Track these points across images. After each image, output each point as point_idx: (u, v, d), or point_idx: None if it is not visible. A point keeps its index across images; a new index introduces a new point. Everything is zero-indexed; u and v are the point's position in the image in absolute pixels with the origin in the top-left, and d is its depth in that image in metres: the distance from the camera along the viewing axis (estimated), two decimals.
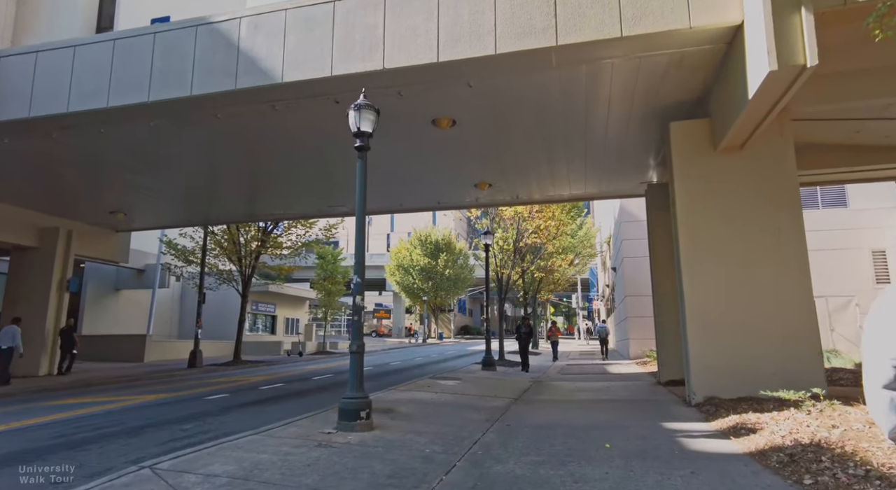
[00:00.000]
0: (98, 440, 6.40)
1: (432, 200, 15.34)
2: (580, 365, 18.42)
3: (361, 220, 6.88)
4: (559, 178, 13.25)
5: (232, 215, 18.18)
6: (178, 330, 29.62)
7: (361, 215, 6.88)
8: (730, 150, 8.45)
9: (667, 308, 11.60)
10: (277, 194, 15.51)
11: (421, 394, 9.62)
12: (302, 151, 11.63)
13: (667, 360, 11.53)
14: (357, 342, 6.53)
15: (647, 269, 21.47)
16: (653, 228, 12.23)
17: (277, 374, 15.80)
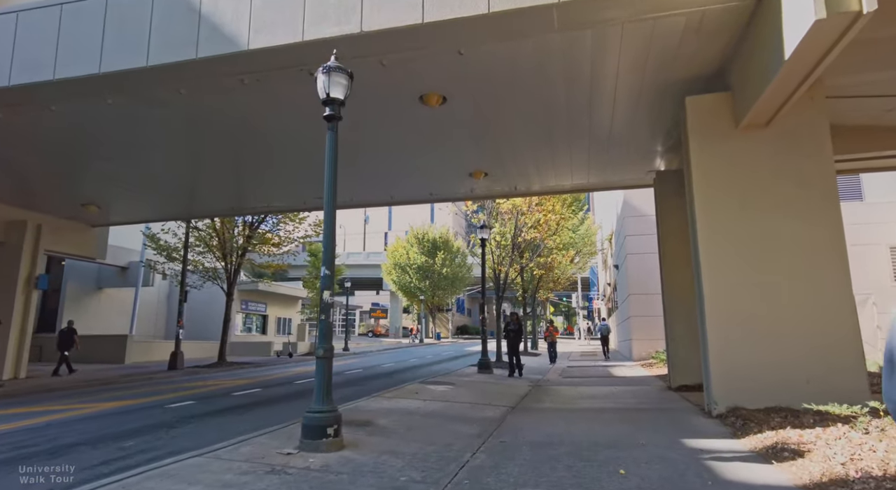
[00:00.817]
0: (7, 464, 5.40)
1: (424, 192, 14.36)
2: (582, 367, 17.45)
3: (331, 203, 5.91)
4: (561, 167, 12.28)
5: (214, 208, 17.22)
6: (164, 330, 28.61)
7: (331, 196, 5.92)
8: (754, 128, 7.48)
9: (678, 306, 10.63)
10: (258, 185, 14.54)
11: (407, 402, 8.64)
12: (280, 137, 10.66)
13: (678, 362, 10.56)
14: (324, 346, 5.55)
15: (653, 265, 20.50)
16: (663, 220, 11.26)
17: (259, 378, 14.82)
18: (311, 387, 12.30)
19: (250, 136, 10.65)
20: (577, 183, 13.50)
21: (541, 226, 17.01)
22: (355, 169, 12.64)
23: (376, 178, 13.24)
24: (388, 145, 10.93)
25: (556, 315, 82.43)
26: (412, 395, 9.47)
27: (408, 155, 11.56)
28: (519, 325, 13.83)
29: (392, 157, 11.68)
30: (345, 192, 14.56)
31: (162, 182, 13.89)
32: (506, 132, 10.21)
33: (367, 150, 11.15)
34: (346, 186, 14.11)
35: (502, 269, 17.95)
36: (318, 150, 12.27)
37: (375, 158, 11.69)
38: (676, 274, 10.75)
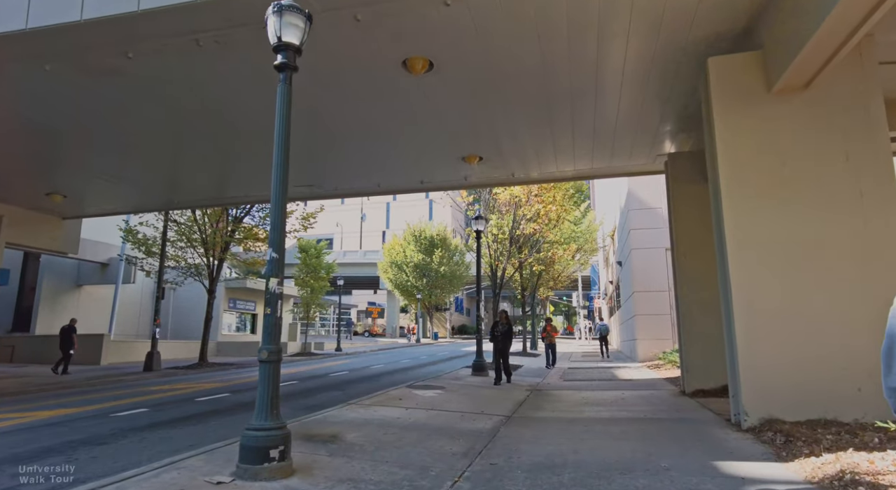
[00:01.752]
0: None
1: (414, 179, 13.26)
2: (584, 369, 16.37)
3: (281, 168, 4.82)
4: (562, 150, 11.19)
5: (194, 199, 16.12)
6: (148, 329, 27.46)
7: (281, 161, 4.83)
8: (790, 91, 6.39)
9: (694, 303, 9.56)
10: (235, 173, 13.46)
11: (387, 410, 7.55)
12: (250, 113, 9.56)
13: (693, 365, 9.47)
14: (269, 347, 4.48)
15: (659, 260, 19.49)
16: (676, 208, 10.17)
17: (234, 381, 13.73)
18: (286, 390, 11.23)
19: (220, 116, 9.62)
20: (579, 169, 12.40)
21: (540, 218, 15.91)
22: (335, 153, 11.57)
23: (360, 163, 12.16)
24: (370, 124, 9.84)
25: (557, 314, 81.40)
26: (394, 401, 8.38)
27: (393, 136, 10.46)
28: (509, 325, 11.79)
29: (375, 139, 10.58)
30: (327, 181, 13.52)
31: (131, 169, 12.81)
32: (501, 107, 9.11)
33: (347, 130, 10.08)
34: (327, 174, 13.07)
35: (500, 265, 16.84)
36: (296, 130, 11.25)
37: (357, 140, 10.60)
38: (692, 267, 9.68)
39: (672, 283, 18.92)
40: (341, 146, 11.02)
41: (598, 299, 49.25)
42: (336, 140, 10.68)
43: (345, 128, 10.04)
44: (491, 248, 16.88)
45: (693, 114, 9.24)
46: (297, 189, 14.00)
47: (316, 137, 10.61)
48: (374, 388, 10.99)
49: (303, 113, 9.65)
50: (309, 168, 12.60)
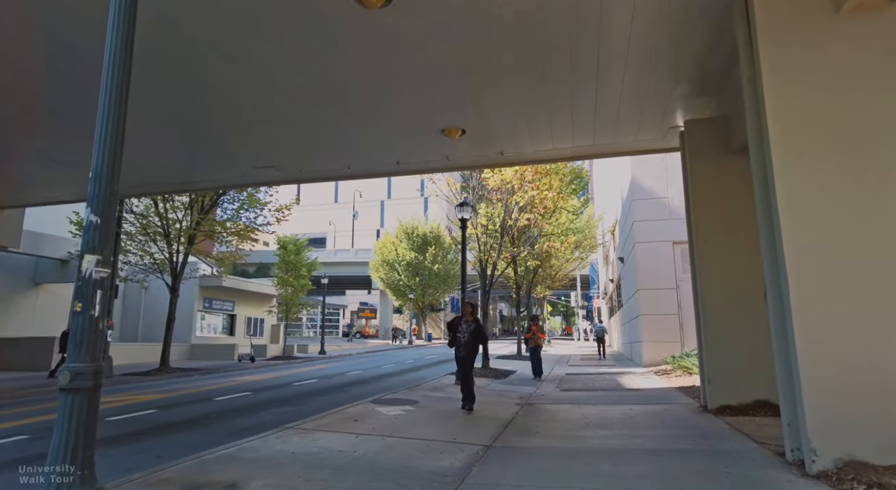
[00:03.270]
0: None
1: (389, 160, 11.53)
2: (584, 375, 14.69)
3: (114, 91, 3.11)
4: (559, 122, 9.50)
5: (149, 184, 14.29)
6: (118, 331, 25.76)
7: (114, 79, 3.10)
8: (869, 9, 4.71)
9: (718, 300, 7.88)
10: (191, 156, 11.76)
11: (331, 439, 5.85)
12: (194, 79, 7.89)
13: (717, 375, 7.77)
14: (76, 367, 2.77)
15: (665, 255, 17.77)
16: (696, 185, 8.46)
17: (183, 391, 12.00)
18: (229, 405, 9.50)
19: (179, 91, 7.96)
20: (579, 146, 10.70)
21: (535, 206, 14.20)
22: (296, 128, 9.86)
23: (326, 140, 10.47)
24: (332, 88, 8.13)
25: (555, 315, 79.83)
26: (347, 424, 6.68)
27: (359, 103, 8.74)
28: (477, 323, 8.28)
29: (340, 107, 8.86)
30: (290, 162, 11.82)
31: (79, 151, 11.04)
32: (487, 67, 7.42)
33: (305, 98, 8.38)
34: (290, 154, 11.37)
35: (490, 260, 15.12)
36: (253, 107, 9.54)
37: (318, 109, 8.88)
38: (715, 257, 7.99)
39: (681, 278, 17.36)
40: (301, 118, 9.32)
41: (597, 299, 47.63)
42: (294, 110, 8.98)
43: (302, 95, 8.36)
44: (480, 241, 15.17)
45: (714, 71, 7.59)
46: (258, 171, 12.31)
47: (272, 108, 8.93)
48: (336, 402, 9.29)
49: (255, 80, 8.04)
50: (268, 146, 10.92)
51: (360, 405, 8.23)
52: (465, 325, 8.23)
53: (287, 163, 11.81)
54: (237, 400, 10.12)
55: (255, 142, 10.65)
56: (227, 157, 11.65)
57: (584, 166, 18.22)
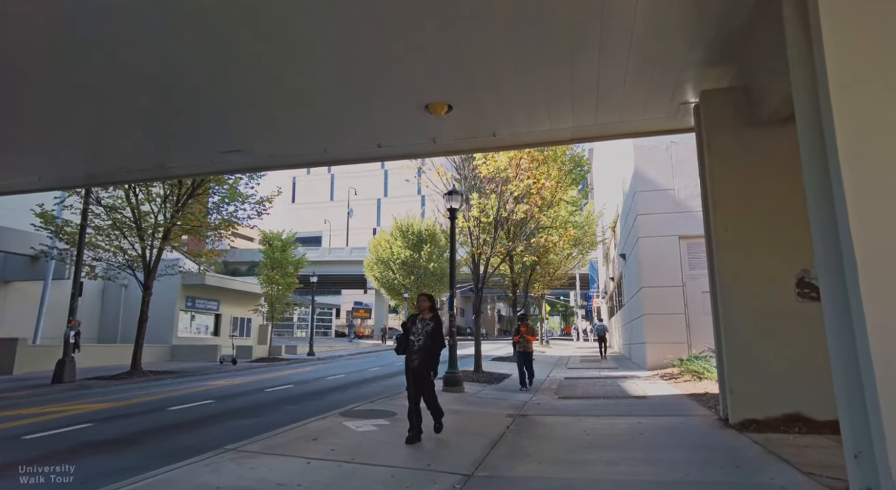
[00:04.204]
0: None
1: (369, 143, 10.39)
2: (584, 379, 13.61)
3: None
4: (558, 97, 8.38)
5: (120, 170, 13.06)
6: (97, 332, 24.66)
7: None
8: None
9: (742, 297, 6.77)
10: (151, 139, 10.61)
11: (275, 466, 4.74)
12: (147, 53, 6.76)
13: (741, 385, 6.66)
14: None
15: (671, 251, 16.62)
16: (715, 166, 7.34)
17: (139, 398, 10.84)
18: (188, 416, 8.35)
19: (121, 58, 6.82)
20: (579, 126, 9.58)
21: (532, 196, 13.06)
22: (262, 102, 8.72)
23: (297, 118, 9.33)
24: (292, 57, 7.01)
25: (553, 315, 78.83)
26: (305, 443, 5.58)
27: (330, 71, 7.62)
28: (437, 321, 6.29)
29: (308, 77, 7.73)
30: (259, 145, 10.66)
31: (36, 132, 9.92)
32: (474, 27, 6.30)
33: (267, 64, 7.25)
34: (259, 136, 10.24)
35: (483, 253, 13.99)
36: (209, 80, 8.39)
37: (284, 78, 7.76)
38: (741, 246, 6.89)
39: (688, 276, 16.28)
40: (266, 93, 8.20)
41: (596, 299, 46.59)
42: (257, 84, 7.87)
43: (266, 66, 7.26)
44: (473, 235, 14.05)
45: (734, 32, 6.49)
46: (225, 156, 11.18)
47: (232, 81, 7.80)
48: (304, 413, 8.17)
49: (212, 50, 6.96)
50: (232, 127, 9.81)
51: (327, 418, 7.12)
52: (420, 324, 6.18)
53: (255, 146, 10.68)
54: (194, 410, 9.01)
55: (217, 122, 9.53)
56: (190, 139, 10.50)
57: (585, 154, 17.06)
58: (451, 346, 10.95)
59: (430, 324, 6.21)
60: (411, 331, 6.24)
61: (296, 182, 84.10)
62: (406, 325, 6.39)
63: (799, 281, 6.55)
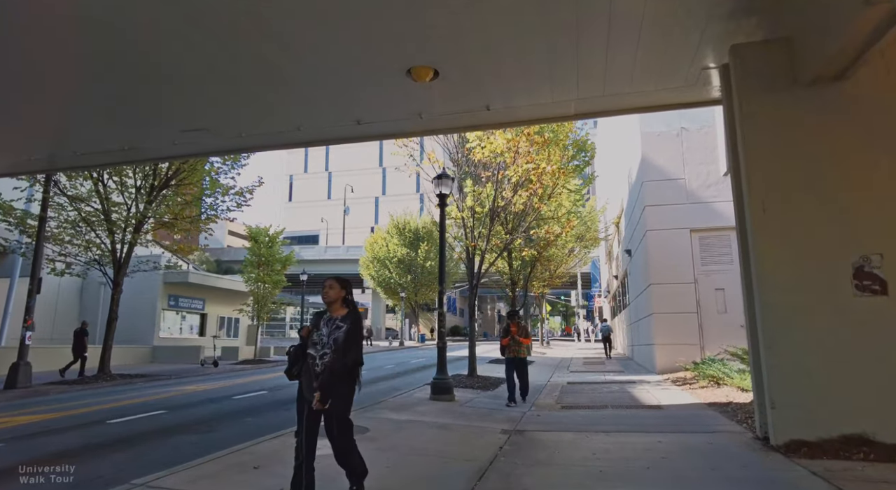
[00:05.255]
0: None
1: (348, 118, 9.19)
2: (589, 384, 12.42)
3: None
4: (561, 59, 7.20)
5: (86, 154, 11.78)
6: (69, 331, 23.42)
7: None
8: None
9: (784, 289, 5.58)
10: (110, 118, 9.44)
11: None
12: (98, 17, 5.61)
13: (786, 396, 5.44)
14: None
15: (682, 245, 15.26)
16: (749, 134, 6.10)
17: (86, 408, 9.58)
18: (126, 431, 7.09)
19: None
20: (585, 98, 8.38)
21: (532, 182, 11.84)
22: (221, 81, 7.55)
23: (263, 94, 8.16)
24: (255, 15, 5.84)
25: (554, 315, 77.62)
26: (241, 474, 4.40)
27: (290, 31, 6.43)
28: (353, 320, 3.93)
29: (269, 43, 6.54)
30: (227, 124, 9.49)
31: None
32: None
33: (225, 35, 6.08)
34: (226, 112, 9.07)
35: (478, 246, 12.79)
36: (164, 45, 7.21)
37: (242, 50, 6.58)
38: (783, 228, 5.69)
39: (700, 272, 15.07)
40: (228, 61, 7.03)
41: (598, 298, 45.41)
42: (218, 50, 6.71)
43: (228, 28, 6.10)
44: (467, 227, 12.85)
45: None
46: (189, 136, 9.98)
47: (189, 47, 6.65)
48: (264, 427, 6.97)
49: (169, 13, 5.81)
50: (194, 101, 8.64)
51: (282, 436, 5.93)
52: (326, 328, 3.89)
53: (221, 124, 9.50)
54: (141, 423, 7.81)
55: (177, 96, 8.36)
56: (148, 116, 9.31)
57: (589, 138, 15.85)
58: (441, 348, 9.75)
59: (343, 326, 3.82)
60: (312, 340, 3.88)
61: (293, 180, 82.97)
62: (305, 332, 3.99)
63: (857, 271, 5.35)
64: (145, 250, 19.77)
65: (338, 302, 4.01)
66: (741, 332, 14.17)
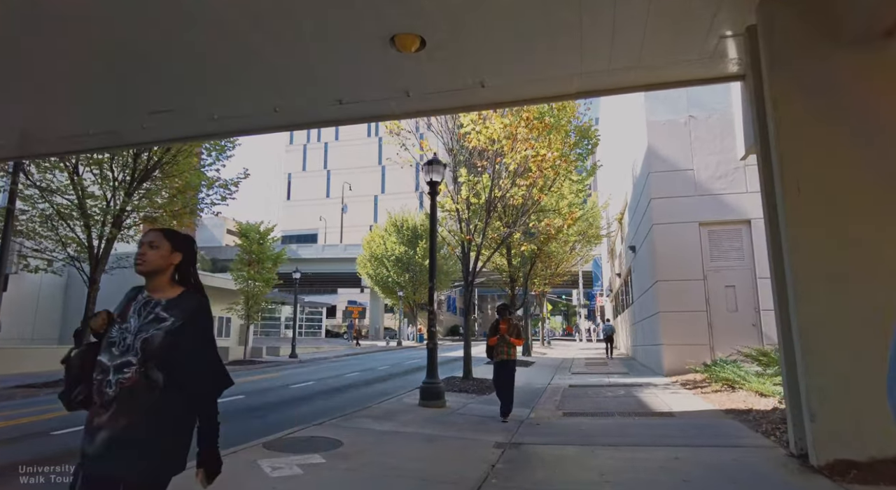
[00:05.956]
0: None
1: (328, 98, 8.36)
2: (592, 387, 11.61)
3: None
4: (563, 30, 6.40)
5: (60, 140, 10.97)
6: (59, 332, 22.70)
7: None
8: None
9: (825, 280, 4.76)
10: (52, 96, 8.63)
11: None
12: None
13: (829, 408, 4.63)
14: None
15: (691, 239, 14.26)
16: (782, 103, 5.29)
17: (28, 419, 8.84)
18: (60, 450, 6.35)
19: None
20: (588, 71, 7.55)
21: (532, 171, 11.01)
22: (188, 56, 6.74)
23: (234, 71, 7.34)
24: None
25: (555, 314, 76.79)
26: None
27: None
28: (192, 319, 2.08)
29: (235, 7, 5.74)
30: (197, 104, 8.66)
31: None
32: None
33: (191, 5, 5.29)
34: (195, 91, 8.26)
35: (473, 242, 11.98)
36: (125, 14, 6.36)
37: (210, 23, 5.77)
38: (822, 212, 4.87)
39: (710, 268, 14.22)
40: (195, 35, 6.22)
41: (600, 297, 44.62)
42: (183, 23, 5.90)
43: None
44: (462, 219, 12.04)
45: None
46: (157, 119, 9.14)
47: (149, 12, 5.85)
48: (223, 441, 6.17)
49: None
50: (158, 78, 7.82)
51: (241, 452, 5.12)
52: (136, 318, 2.06)
53: (191, 105, 8.68)
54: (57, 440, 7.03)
55: (141, 73, 7.53)
56: (112, 94, 8.50)
57: (593, 124, 15.00)
58: (431, 349, 8.93)
59: (168, 319, 2.06)
60: (109, 338, 2.04)
61: (291, 179, 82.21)
62: (97, 323, 2.14)
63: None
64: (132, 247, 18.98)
65: (164, 273, 2.16)
66: (753, 332, 13.48)
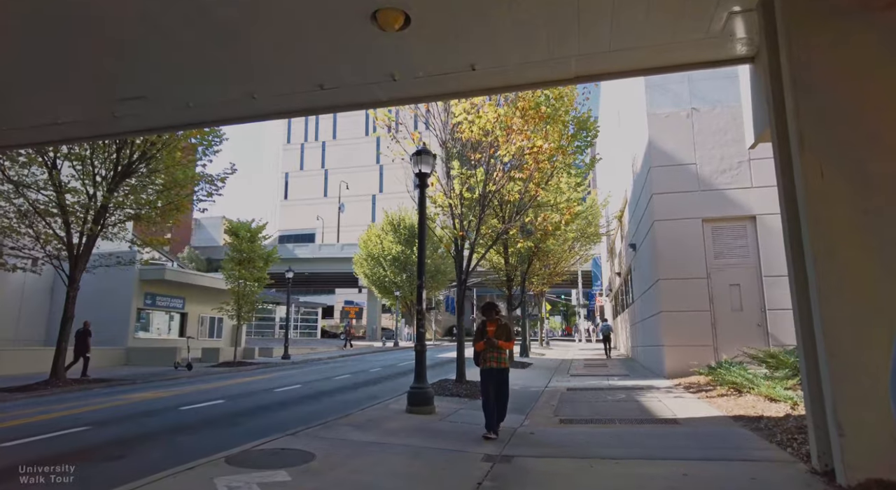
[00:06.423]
0: None
1: (308, 82, 7.82)
2: (591, 391, 11.07)
3: None
4: (562, 6, 5.87)
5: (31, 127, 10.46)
6: (44, 332, 22.13)
7: None
8: None
9: (850, 280, 4.23)
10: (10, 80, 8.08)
11: None
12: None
13: (859, 421, 4.09)
14: None
15: (694, 236, 13.61)
16: (802, 78, 4.74)
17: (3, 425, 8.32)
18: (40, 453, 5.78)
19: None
20: (586, 53, 7.01)
21: (528, 163, 10.48)
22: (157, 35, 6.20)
23: (208, 53, 6.79)
24: None
25: (555, 314, 76.27)
26: None
27: None
28: None
29: None
30: (169, 90, 8.12)
31: None
32: None
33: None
34: (163, 80, 7.71)
35: (467, 238, 11.43)
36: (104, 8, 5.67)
37: None
38: (849, 201, 4.34)
39: (713, 266, 13.68)
40: (161, 11, 5.69)
41: (599, 297, 44.11)
42: None
43: None
44: (455, 214, 11.49)
45: None
46: (129, 106, 8.59)
47: None
48: (188, 452, 5.63)
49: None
50: (129, 64, 7.28)
51: (199, 468, 4.58)
52: None
53: (163, 91, 8.13)
54: (43, 445, 6.46)
55: (107, 57, 6.97)
56: (79, 78, 7.94)
57: (592, 115, 14.45)
58: (419, 352, 8.38)
59: None
60: None
61: (288, 178, 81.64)
62: None
63: None
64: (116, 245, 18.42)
65: None
66: (758, 332, 12.93)
